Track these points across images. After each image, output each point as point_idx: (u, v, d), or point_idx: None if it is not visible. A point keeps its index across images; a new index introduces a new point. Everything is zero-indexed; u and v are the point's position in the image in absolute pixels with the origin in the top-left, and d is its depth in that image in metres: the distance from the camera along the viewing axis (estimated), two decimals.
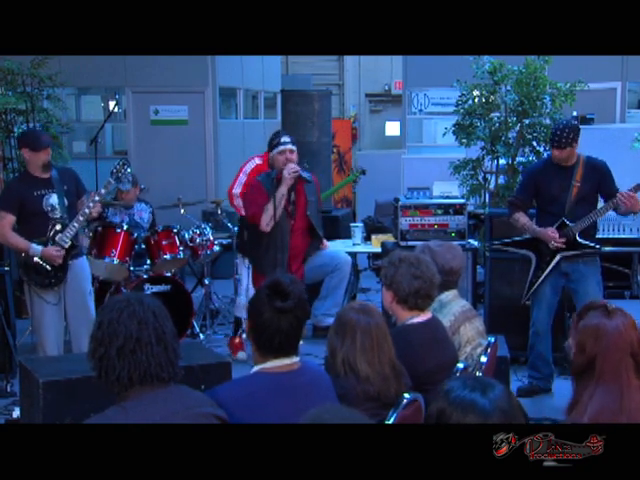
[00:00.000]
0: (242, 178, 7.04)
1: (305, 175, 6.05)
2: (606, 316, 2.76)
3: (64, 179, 5.78)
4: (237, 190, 7.01)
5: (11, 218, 5.66)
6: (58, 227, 5.65)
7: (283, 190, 5.99)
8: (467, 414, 2.03)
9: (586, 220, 5.70)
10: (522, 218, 5.95)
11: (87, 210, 5.62)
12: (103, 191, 5.71)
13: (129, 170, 5.84)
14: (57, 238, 5.62)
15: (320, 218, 6.46)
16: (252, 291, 7.06)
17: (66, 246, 5.64)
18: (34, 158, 5.65)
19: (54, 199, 5.69)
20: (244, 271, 7.17)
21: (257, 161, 7.07)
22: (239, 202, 6.99)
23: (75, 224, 5.64)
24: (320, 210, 6.44)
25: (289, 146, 6.13)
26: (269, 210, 5.99)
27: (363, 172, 6.74)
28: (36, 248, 5.61)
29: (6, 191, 6.07)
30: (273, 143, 6.22)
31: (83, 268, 5.94)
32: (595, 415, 2.60)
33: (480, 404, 2.04)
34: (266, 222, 6.01)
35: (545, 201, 5.87)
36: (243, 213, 7.02)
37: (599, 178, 5.76)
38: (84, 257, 6.06)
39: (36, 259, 5.61)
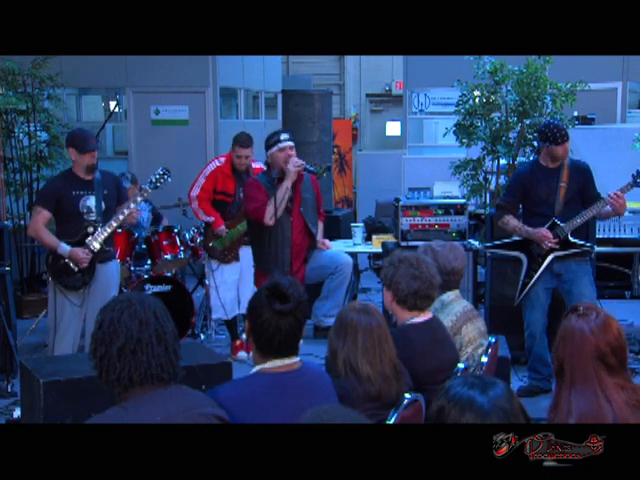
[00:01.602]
0: (201, 181, 7.05)
1: (311, 168, 6.05)
2: (576, 319, 2.70)
3: (106, 183, 5.74)
4: (195, 193, 7.02)
5: (46, 214, 5.64)
6: (90, 230, 5.61)
7: (288, 183, 5.94)
8: (465, 412, 2.03)
9: (577, 219, 5.74)
10: (512, 221, 5.97)
11: (121, 216, 5.61)
12: (139, 199, 5.68)
13: (169, 180, 5.82)
14: (87, 241, 5.60)
15: (316, 215, 6.41)
16: (222, 290, 7.10)
17: (95, 250, 5.62)
18: (79, 159, 5.61)
19: (91, 201, 5.64)
20: (210, 272, 7.18)
21: (218, 162, 7.08)
22: (196, 205, 7.01)
23: (107, 229, 5.61)
24: (315, 208, 6.39)
25: (289, 143, 6.12)
26: (272, 203, 5.96)
27: (328, 168, 6.82)
28: (65, 248, 5.57)
29: (46, 187, 6.05)
30: (271, 141, 6.19)
31: (112, 272, 5.85)
32: (580, 420, 2.58)
33: (478, 402, 2.03)
34: (270, 215, 5.96)
35: (534, 203, 5.90)
36: (201, 217, 7.03)
37: (583, 179, 5.81)
38: (115, 261, 5.98)
39: (65, 259, 5.59)
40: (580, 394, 2.62)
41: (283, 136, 6.13)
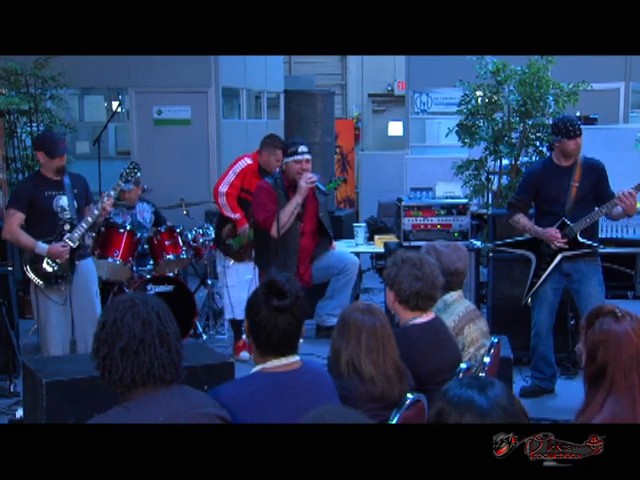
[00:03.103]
0: (230, 177, 7.02)
1: (322, 187, 6.08)
2: (615, 322, 2.70)
3: (75, 183, 5.81)
4: (223, 189, 6.99)
5: (20, 216, 5.67)
6: (67, 227, 5.67)
7: (299, 199, 6.02)
8: (464, 413, 2.02)
9: (586, 219, 5.70)
10: (522, 219, 5.95)
11: (96, 211, 5.64)
12: (112, 193, 5.72)
13: (139, 174, 5.86)
14: (65, 238, 5.64)
15: (329, 219, 6.50)
16: (237, 289, 7.07)
17: (74, 246, 5.65)
18: (48, 163, 5.66)
19: (64, 200, 5.70)
20: (223, 269, 7.18)
21: (248, 161, 7.05)
22: (223, 201, 6.98)
23: (84, 224, 5.65)
24: (327, 212, 6.48)
25: (306, 156, 6.16)
26: (282, 218, 6.00)
27: (345, 181, 6.96)
28: (42, 246, 5.62)
29: (18, 190, 6.10)
30: (289, 151, 6.21)
31: (90, 269, 5.95)
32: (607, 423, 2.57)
33: (477, 402, 2.03)
34: (276, 229, 6.03)
35: (545, 202, 5.87)
36: (227, 213, 7.01)
37: (597, 178, 5.77)
38: (90, 258, 6.07)
39: (45, 259, 5.61)
40: (618, 400, 2.61)
41: (301, 148, 6.16)
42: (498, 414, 2.01)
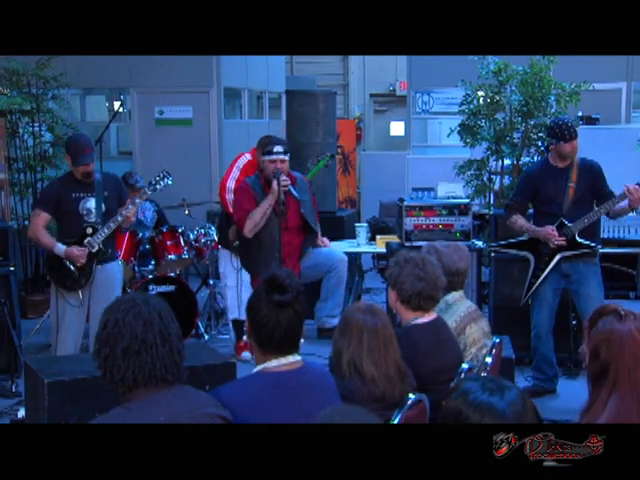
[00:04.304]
0: (235, 172, 6.99)
1: (294, 193, 6.07)
2: (619, 321, 2.71)
3: (106, 184, 5.76)
4: (231, 184, 6.97)
5: (45, 216, 5.69)
6: (89, 231, 5.64)
7: (271, 201, 6.04)
8: (484, 416, 2.04)
9: (585, 220, 5.70)
10: (520, 220, 5.95)
11: (119, 217, 5.63)
12: (138, 200, 5.72)
13: (170, 182, 5.84)
14: (85, 241, 5.62)
15: (315, 215, 6.48)
16: (242, 290, 7.04)
17: (93, 250, 5.63)
18: (73, 168, 5.66)
19: (91, 203, 5.67)
20: (228, 268, 7.16)
21: (248, 157, 7.05)
22: (231, 197, 6.95)
23: (106, 230, 5.63)
24: (312, 208, 6.46)
25: (281, 156, 6.14)
26: (254, 218, 6.04)
27: (332, 156, 6.95)
28: (60, 247, 5.62)
29: (45, 190, 6.13)
30: (265, 150, 6.23)
31: (112, 273, 5.87)
32: (611, 423, 2.57)
33: (499, 408, 2.04)
34: (249, 229, 6.08)
35: (543, 203, 5.88)
36: (232, 210, 6.99)
37: (594, 178, 5.77)
38: (116, 262, 6.00)
39: (63, 260, 5.62)
40: (622, 399, 2.60)
41: (276, 148, 6.16)
42: (512, 417, 2.02)
